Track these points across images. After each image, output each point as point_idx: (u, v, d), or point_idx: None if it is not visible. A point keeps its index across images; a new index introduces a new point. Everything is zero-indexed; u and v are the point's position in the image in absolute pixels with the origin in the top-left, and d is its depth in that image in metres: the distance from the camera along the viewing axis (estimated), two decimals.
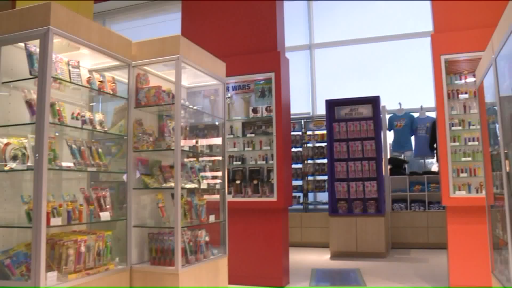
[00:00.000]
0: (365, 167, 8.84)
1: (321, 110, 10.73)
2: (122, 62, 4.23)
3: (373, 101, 9.01)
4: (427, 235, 9.29)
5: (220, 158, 5.09)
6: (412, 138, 10.05)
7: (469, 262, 5.37)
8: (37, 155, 3.28)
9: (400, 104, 10.06)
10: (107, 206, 3.94)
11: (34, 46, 3.50)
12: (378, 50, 11.10)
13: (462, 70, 6.01)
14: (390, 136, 10.12)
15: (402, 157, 10.31)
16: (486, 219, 4.71)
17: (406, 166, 10.27)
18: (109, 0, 11.42)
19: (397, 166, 10.11)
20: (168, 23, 11.91)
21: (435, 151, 9.65)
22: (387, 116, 10.04)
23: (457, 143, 5.73)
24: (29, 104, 3.54)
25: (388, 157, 9.89)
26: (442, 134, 5.64)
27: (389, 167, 9.87)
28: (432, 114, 9.49)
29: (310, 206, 10.62)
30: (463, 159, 5.67)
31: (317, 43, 11.67)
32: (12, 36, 3.51)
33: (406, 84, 10.54)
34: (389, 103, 9.93)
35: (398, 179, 9.88)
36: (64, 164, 3.65)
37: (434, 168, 10.36)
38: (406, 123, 9.90)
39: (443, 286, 5.77)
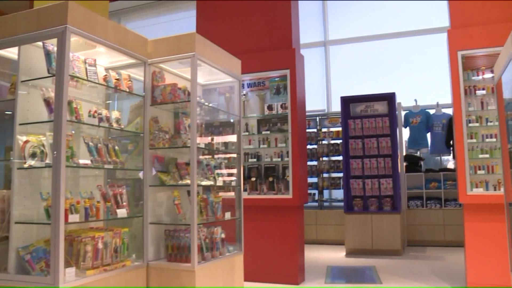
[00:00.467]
0: (381, 164, 8.79)
1: (336, 107, 10.70)
2: (138, 60, 4.26)
3: (389, 98, 8.95)
4: (444, 232, 9.21)
5: (235, 155, 5.10)
6: (428, 135, 9.95)
7: (487, 261, 5.31)
8: (55, 152, 3.31)
9: (416, 100, 9.97)
10: (124, 203, 3.97)
11: (52, 45, 3.54)
12: (393, 47, 11.01)
13: (479, 66, 5.92)
14: (405, 133, 10.03)
15: (418, 154, 10.22)
16: (504, 216, 4.65)
17: (422, 163, 10.18)
18: None
19: (412, 163, 10.04)
20: (182, 21, 11.95)
21: (451, 148, 9.55)
22: (403, 113, 9.95)
23: (474, 140, 5.66)
24: (47, 102, 3.58)
25: (404, 154, 9.81)
26: (459, 131, 5.58)
27: (404, 164, 9.79)
28: (449, 111, 9.39)
29: (325, 204, 10.59)
30: (481, 156, 5.60)
31: (331, 40, 11.61)
32: (30, 36, 3.55)
33: (422, 81, 10.44)
34: (404, 100, 9.84)
35: (414, 176, 9.80)
36: (81, 161, 3.68)
37: (450, 165, 10.26)
38: (422, 120, 9.81)
39: (460, 286, 5.71)
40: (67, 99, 3.42)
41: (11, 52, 3.82)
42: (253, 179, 6.37)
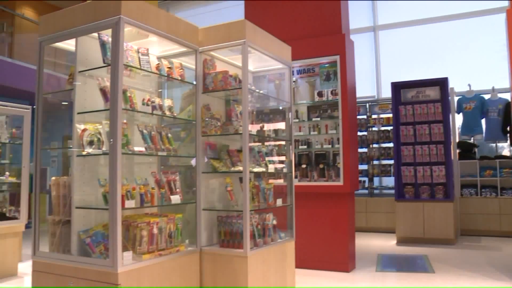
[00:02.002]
0: (433, 151, 8.58)
1: (386, 93, 10.49)
2: (189, 48, 4.30)
3: (441, 83, 8.70)
4: (500, 222, 8.90)
5: (285, 142, 5.09)
6: (483, 121, 9.61)
7: None
8: (111, 140, 3.41)
9: (469, 85, 9.63)
10: (177, 190, 4.04)
11: (107, 35, 3.63)
12: (445, 30, 10.65)
13: None
14: (459, 119, 9.73)
15: (471, 140, 9.90)
16: None
17: (476, 150, 9.85)
18: None
19: (466, 150, 9.73)
20: (231, 10, 11.97)
21: (508, 135, 9.19)
22: (456, 99, 9.65)
23: None
24: (103, 91, 3.69)
25: (457, 140, 9.53)
26: None
27: (458, 151, 9.51)
28: (506, 96, 9.03)
29: (376, 191, 10.46)
30: None
31: (381, 24, 11.36)
32: (87, 27, 3.66)
33: (476, 65, 10.07)
34: (458, 85, 9.53)
35: (468, 163, 9.50)
36: (136, 148, 3.78)
37: (506, 152, 9.89)
38: (476, 106, 9.48)
39: None
40: (122, 88, 3.51)
41: (69, 44, 3.94)
42: (304, 166, 6.35)
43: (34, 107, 4.31)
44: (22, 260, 6.43)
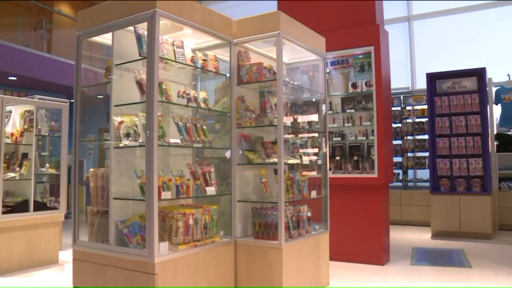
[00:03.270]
0: (469, 143, 8.37)
1: (421, 84, 10.29)
2: (224, 40, 4.32)
3: (478, 73, 8.46)
4: None
5: (319, 134, 5.06)
6: None
7: None
8: (147, 132, 3.45)
9: (509, 75, 9.35)
10: (212, 181, 4.07)
11: (142, 29, 3.67)
12: (483, 18, 10.35)
13: None
14: (497, 111, 9.47)
15: (510, 132, 9.63)
16: None
17: None
18: None
19: (505, 142, 9.45)
20: (263, 3, 11.92)
21: None
22: (494, 89, 9.38)
23: None
24: (139, 84, 3.74)
25: (495, 132, 9.28)
26: None
27: (495, 143, 9.26)
28: None
29: (410, 184, 10.30)
30: None
31: (416, 14, 11.14)
32: (123, 21, 3.72)
33: None
34: (496, 75, 9.26)
35: (506, 156, 9.23)
36: (171, 140, 3.82)
37: None
38: None
39: None
40: (158, 81, 3.55)
41: (106, 38, 4.01)
42: (338, 158, 6.30)
43: (72, 100, 4.41)
44: (62, 249, 6.61)
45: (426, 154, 9.52)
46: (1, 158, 5.50)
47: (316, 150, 4.94)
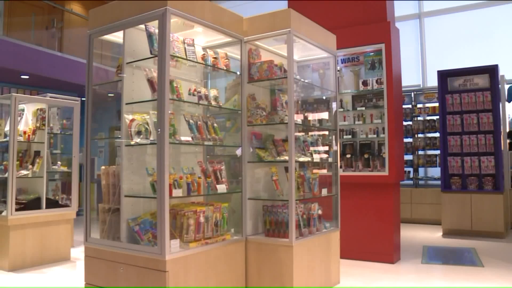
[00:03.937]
0: (481, 141, 8.31)
1: (432, 81, 10.22)
2: (234, 38, 4.32)
3: (490, 71, 8.38)
4: None
5: (330, 132, 5.05)
6: None
7: None
8: (159, 130, 3.46)
9: None
10: (223, 179, 4.08)
11: (153, 27, 3.68)
12: (494, 15, 10.24)
13: None
14: (509, 108, 9.38)
15: None
16: None
17: None
18: None
19: None
20: (273, 1, 11.90)
21: None
22: (506, 87, 9.29)
23: None
24: (150, 82, 3.75)
25: (507, 130, 9.19)
26: None
27: (508, 141, 9.18)
28: None
29: (421, 182, 10.24)
30: None
31: (426, 11, 11.06)
32: (134, 19, 3.73)
33: None
34: (508, 72, 9.18)
35: None
36: (182, 138, 3.83)
37: None
38: None
39: None
40: (169, 79, 3.55)
41: (117, 37, 4.03)
42: (348, 155, 6.28)
43: (83, 98, 4.44)
44: (74, 246, 6.67)
45: (437, 152, 9.47)
46: (14, 156, 5.55)
47: (326, 148, 4.93)
